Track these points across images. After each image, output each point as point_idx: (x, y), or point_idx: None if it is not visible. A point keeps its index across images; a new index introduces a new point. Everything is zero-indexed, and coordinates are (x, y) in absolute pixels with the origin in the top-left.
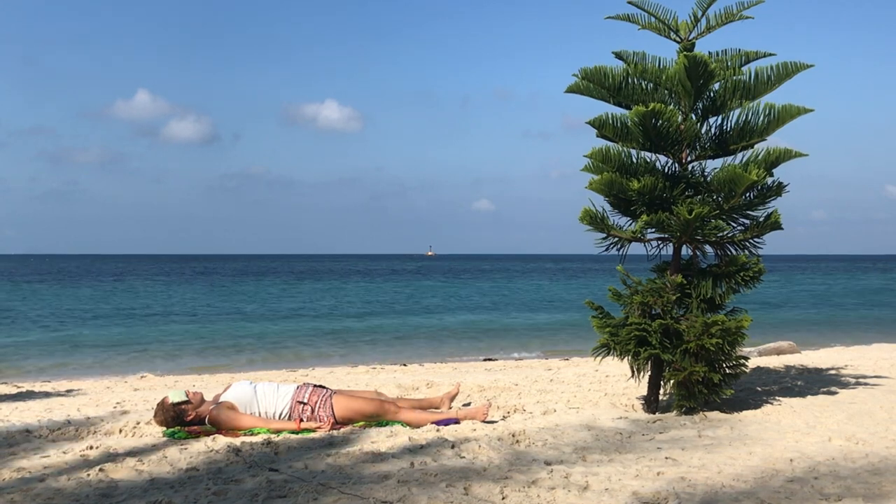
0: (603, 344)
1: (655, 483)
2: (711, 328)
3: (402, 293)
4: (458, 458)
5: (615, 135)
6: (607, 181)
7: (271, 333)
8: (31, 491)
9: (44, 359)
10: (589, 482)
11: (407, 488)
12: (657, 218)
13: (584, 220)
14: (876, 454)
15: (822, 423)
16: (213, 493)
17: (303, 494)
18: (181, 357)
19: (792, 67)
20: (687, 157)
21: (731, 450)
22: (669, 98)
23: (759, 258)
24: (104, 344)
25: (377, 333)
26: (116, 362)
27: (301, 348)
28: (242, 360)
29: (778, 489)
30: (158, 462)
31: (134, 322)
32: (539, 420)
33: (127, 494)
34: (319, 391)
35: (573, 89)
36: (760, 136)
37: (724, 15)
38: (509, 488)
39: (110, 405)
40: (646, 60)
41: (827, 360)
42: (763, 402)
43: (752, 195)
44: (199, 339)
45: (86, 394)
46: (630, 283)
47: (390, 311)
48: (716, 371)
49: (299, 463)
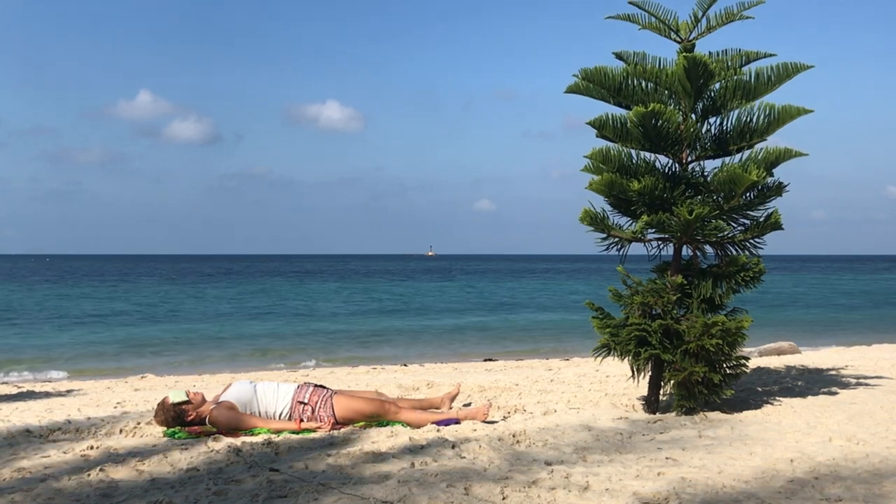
0: (603, 344)
1: (656, 483)
2: (712, 328)
3: (402, 293)
4: (458, 458)
5: (615, 135)
6: (607, 182)
7: (273, 333)
8: (32, 491)
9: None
10: (589, 482)
11: (407, 488)
12: (657, 218)
13: (585, 220)
14: (877, 454)
15: (823, 424)
16: (214, 493)
17: (303, 494)
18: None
19: (792, 68)
20: (687, 158)
21: (731, 450)
22: (669, 98)
23: (759, 258)
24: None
25: (376, 333)
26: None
27: (301, 348)
28: (246, 358)
29: (778, 489)
30: (159, 462)
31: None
32: (539, 420)
33: (127, 494)
34: (320, 391)
35: (573, 89)
36: (760, 136)
37: (724, 15)
38: (510, 488)
39: (111, 405)
40: (646, 61)
41: (827, 361)
42: (763, 402)
43: (752, 195)
44: (216, 340)
45: (86, 394)
46: (630, 283)
47: (391, 312)
48: (716, 371)
49: (300, 463)
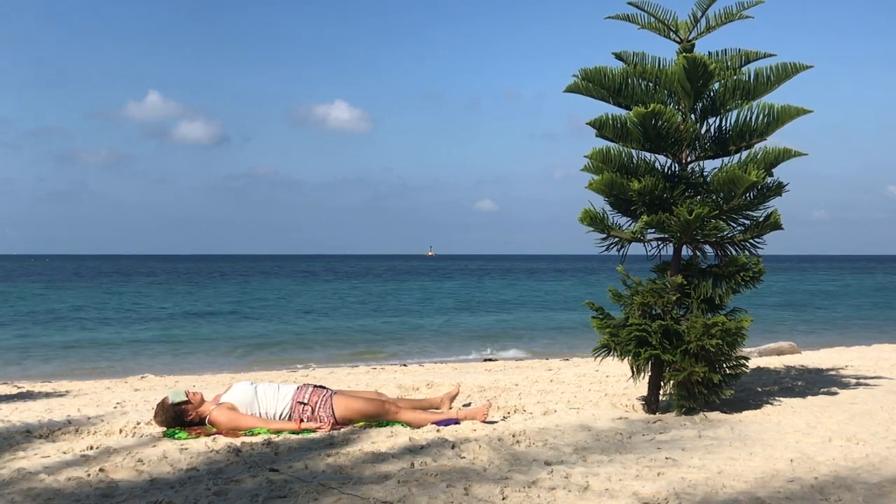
0: (603, 344)
1: (656, 483)
2: (712, 329)
3: (402, 293)
4: (458, 458)
5: (615, 135)
6: (607, 181)
7: (273, 333)
8: (32, 491)
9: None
10: (589, 482)
11: (407, 488)
12: (657, 218)
13: (585, 220)
14: (876, 454)
15: (823, 424)
16: (214, 493)
17: (303, 495)
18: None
19: (792, 68)
20: (687, 158)
21: (731, 450)
22: (669, 98)
23: (759, 258)
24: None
25: (376, 333)
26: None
27: (301, 348)
28: (251, 358)
29: (778, 489)
30: (158, 462)
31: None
32: (539, 420)
33: (127, 494)
34: (320, 391)
35: (573, 89)
36: (760, 136)
37: (723, 15)
38: (509, 489)
39: (110, 405)
40: (646, 61)
41: (827, 361)
42: (763, 402)
43: (751, 195)
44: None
45: (86, 394)
46: (630, 283)
47: (390, 311)
48: (716, 371)
49: (299, 463)
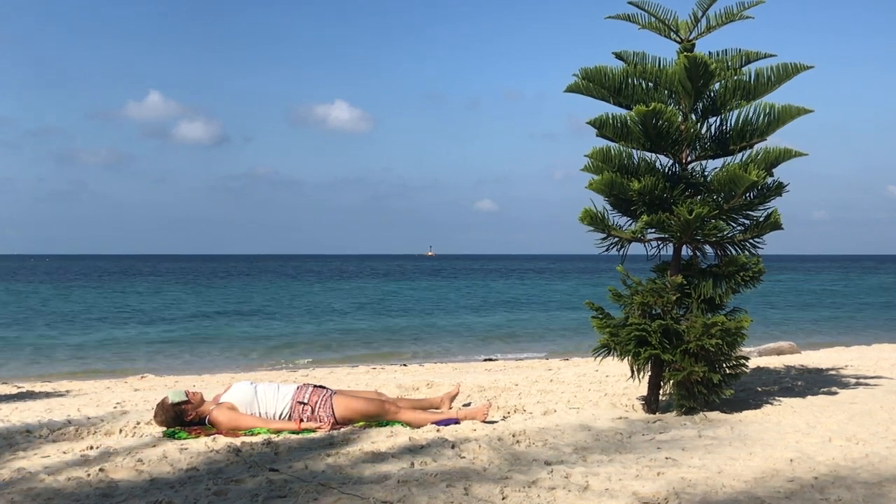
0: (603, 344)
1: (656, 483)
2: (711, 328)
3: (402, 293)
4: (458, 458)
5: (615, 135)
6: (607, 181)
7: (273, 333)
8: (32, 491)
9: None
10: (589, 482)
11: (407, 488)
12: (657, 218)
13: (585, 220)
14: (876, 454)
15: (823, 424)
16: (214, 493)
17: (303, 494)
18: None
19: (792, 68)
20: (687, 158)
21: (731, 450)
22: (669, 98)
23: (759, 258)
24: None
25: (376, 333)
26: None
27: (302, 348)
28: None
29: (778, 489)
30: (158, 462)
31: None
32: (539, 420)
33: (127, 494)
34: (320, 391)
35: (573, 89)
36: (760, 136)
37: (724, 15)
38: (509, 488)
39: (110, 405)
40: (646, 60)
41: (827, 361)
42: (763, 402)
43: (752, 195)
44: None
45: (86, 394)
46: (630, 283)
47: (389, 311)
48: (716, 371)
49: (299, 463)
